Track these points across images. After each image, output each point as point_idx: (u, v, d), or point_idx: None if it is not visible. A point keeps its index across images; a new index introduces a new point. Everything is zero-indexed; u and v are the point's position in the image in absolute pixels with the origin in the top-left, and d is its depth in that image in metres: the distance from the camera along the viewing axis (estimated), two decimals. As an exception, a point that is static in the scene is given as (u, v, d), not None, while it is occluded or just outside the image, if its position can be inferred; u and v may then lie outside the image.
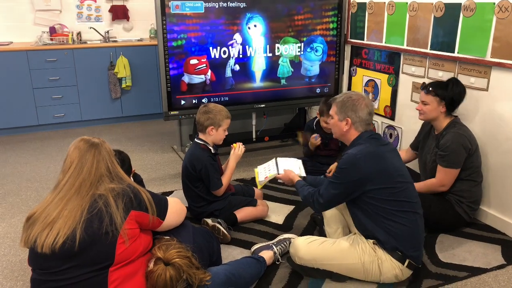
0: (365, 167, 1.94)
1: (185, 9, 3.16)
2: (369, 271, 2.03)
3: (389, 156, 2.01)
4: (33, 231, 1.53)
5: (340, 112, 2.08)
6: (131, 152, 3.96)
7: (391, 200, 1.96)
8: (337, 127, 2.12)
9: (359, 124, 2.05)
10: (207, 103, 2.69)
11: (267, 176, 2.49)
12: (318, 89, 3.79)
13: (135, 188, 1.66)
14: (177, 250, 1.65)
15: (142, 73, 4.81)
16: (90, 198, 1.56)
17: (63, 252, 1.50)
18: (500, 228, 2.60)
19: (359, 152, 1.97)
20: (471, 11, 2.59)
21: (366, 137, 2.04)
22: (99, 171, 1.61)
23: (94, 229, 1.51)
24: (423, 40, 2.96)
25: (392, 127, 3.43)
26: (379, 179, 1.94)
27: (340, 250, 2.06)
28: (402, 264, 2.00)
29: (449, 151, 2.44)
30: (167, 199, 1.82)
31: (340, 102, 2.09)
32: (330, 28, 3.66)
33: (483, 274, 2.20)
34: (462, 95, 2.53)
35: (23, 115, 4.46)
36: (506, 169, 2.54)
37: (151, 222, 1.69)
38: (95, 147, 1.64)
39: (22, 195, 3.17)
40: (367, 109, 2.04)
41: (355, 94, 2.09)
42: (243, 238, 2.52)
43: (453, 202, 2.52)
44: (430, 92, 2.52)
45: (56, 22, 4.81)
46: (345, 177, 1.97)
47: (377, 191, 1.95)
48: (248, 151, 3.92)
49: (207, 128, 2.59)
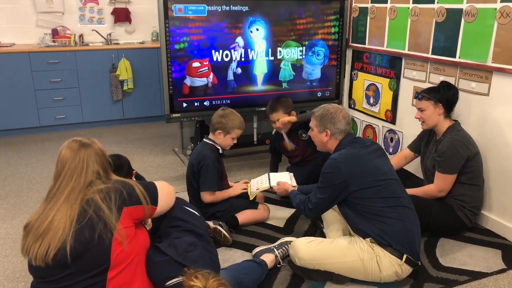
0: (346, 170, 2.05)
1: (188, 12, 3.17)
2: (369, 268, 2.05)
3: (369, 157, 2.11)
4: (27, 242, 1.52)
5: (319, 125, 2.23)
6: (132, 154, 4.00)
7: (377, 198, 2.05)
8: (317, 138, 2.28)
9: (338, 134, 2.20)
10: (227, 108, 2.70)
11: (259, 188, 2.61)
12: (320, 93, 3.80)
13: (125, 183, 1.63)
14: (217, 279, 1.47)
15: (144, 76, 4.82)
16: (78, 206, 1.53)
17: (56, 263, 1.49)
18: (500, 233, 2.60)
19: (339, 156, 2.10)
20: (473, 16, 2.60)
21: (346, 142, 2.18)
22: (89, 176, 1.58)
23: (86, 237, 1.49)
24: (425, 44, 2.97)
25: (393, 131, 3.44)
26: (361, 179, 2.04)
27: (339, 248, 2.10)
28: (400, 259, 2.03)
29: (445, 156, 2.46)
30: (155, 184, 1.78)
31: (319, 116, 2.24)
32: (331, 32, 3.68)
33: (483, 278, 2.20)
34: (456, 95, 2.57)
35: (24, 117, 4.47)
36: (507, 174, 2.54)
37: (147, 212, 1.67)
38: (86, 148, 1.61)
39: (24, 196, 3.18)
40: (344, 121, 2.20)
41: (332, 107, 2.25)
42: (245, 241, 2.52)
43: (455, 206, 2.52)
44: (424, 97, 2.56)
45: (58, 24, 4.83)
46: (328, 181, 2.08)
47: (362, 191, 2.05)
48: (249, 153, 3.94)
49: (216, 130, 2.62)
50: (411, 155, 2.84)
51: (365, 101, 3.71)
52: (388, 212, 2.05)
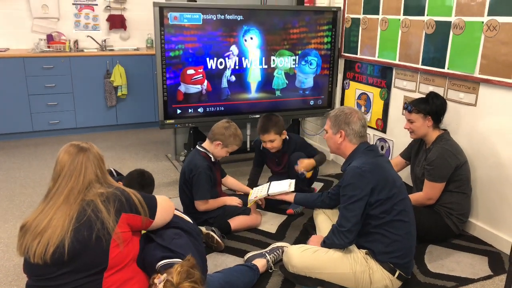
0: (371, 178, 1.97)
1: (183, 20, 3.22)
2: (360, 280, 2.07)
3: (387, 166, 2.07)
4: (24, 241, 1.54)
5: (334, 126, 2.15)
6: (125, 160, 4.01)
7: (389, 209, 1.99)
8: (332, 140, 2.18)
9: (353, 137, 2.12)
10: (231, 122, 2.71)
11: (257, 196, 2.66)
12: (312, 101, 3.86)
13: (124, 191, 1.67)
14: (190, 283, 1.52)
15: (138, 82, 4.85)
16: (78, 206, 1.56)
17: (54, 261, 1.51)
18: (487, 240, 2.66)
19: (363, 164, 2.00)
20: (461, 29, 2.68)
21: (363, 149, 2.10)
22: (88, 177, 1.61)
23: (84, 236, 1.52)
24: (415, 55, 3.04)
25: (384, 139, 3.50)
26: (383, 189, 1.98)
27: (333, 259, 2.08)
28: (392, 275, 2.05)
29: (434, 165, 2.52)
30: (155, 197, 1.82)
31: (334, 116, 2.16)
32: (324, 42, 3.75)
33: (470, 284, 2.25)
34: (444, 106, 2.62)
35: (17, 121, 4.47)
36: (493, 182, 2.61)
37: (143, 223, 1.71)
38: (84, 152, 1.65)
39: (16, 201, 3.18)
40: (360, 122, 2.11)
41: (347, 108, 2.17)
42: (237, 246, 2.55)
43: (443, 214, 2.58)
44: (413, 110, 2.60)
45: (53, 30, 4.85)
46: (355, 191, 1.98)
47: (379, 201, 1.98)
48: (242, 160, 3.97)
49: (216, 140, 2.65)
50: (403, 162, 2.90)
51: (357, 110, 3.78)
52: (394, 226, 2.00)
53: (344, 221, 2.02)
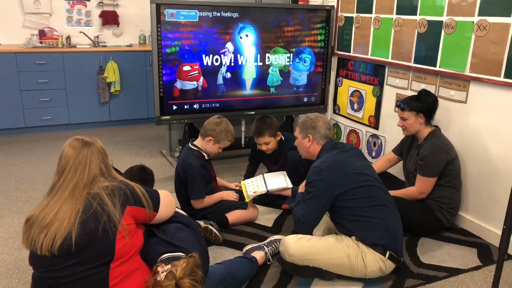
0: (328, 175, 2.15)
1: (180, 17, 3.25)
2: (355, 264, 2.15)
3: (350, 160, 2.22)
4: (31, 234, 1.57)
5: (302, 131, 2.37)
6: (119, 156, 4.03)
7: (360, 198, 2.15)
8: (302, 145, 2.39)
9: (320, 139, 2.32)
10: (223, 118, 2.72)
11: (256, 191, 2.67)
12: (305, 98, 3.92)
13: (129, 184, 1.71)
14: (191, 281, 1.60)
15: (131, 78, 4.86)
16: (84, 199, 1.59)
17: (62, 253, 1.54)
18: (476, 232, 2.75)
19: (321, 163, 2.21)
20: (452, 28, 2.76)
21: (327, 148, 2.29)
22: (92, 171, 1.64)
23: (91, 228, 1.56)
24: (407, 54, 3.12)
25: (376, 136, 3.58)
26: (344, 182, 2.15)
27: (327, 245, 2.19)
28: (383, 256, 2.15)
29: (426, 160, 2.60)
30: (158, 191, 1.86)
31: (301, 122, 2.39)
32: (318, 40, 3.81)
33: (460, 274, 2.34)
34: (435, 103, 2.70)
35: (10, 117, 4.44)
36: (482, 177, 2.70)
37: (147, 216, 1.75)
38: (88, 146, 1.68)
39: (12, 196, 3.18)
40: (325, 126, 2.34)
41: (313, 114, 2.40)
42: (235, 240, 2.60)
43: (434, 207, 2.66)
44: (406, 108, 2.69)
45: (45, 25, 4.82)
46: (314, 189, 2.17)
47: (346, 193, 2.15)
48: (236, 156, 4.02)
49: (207, 136, 2.67)
50: (395, 158, 2.98)
51: (350, 107, 3.85)
52: (372, 211, 2.15)
53: (300, 210, 2.22)
